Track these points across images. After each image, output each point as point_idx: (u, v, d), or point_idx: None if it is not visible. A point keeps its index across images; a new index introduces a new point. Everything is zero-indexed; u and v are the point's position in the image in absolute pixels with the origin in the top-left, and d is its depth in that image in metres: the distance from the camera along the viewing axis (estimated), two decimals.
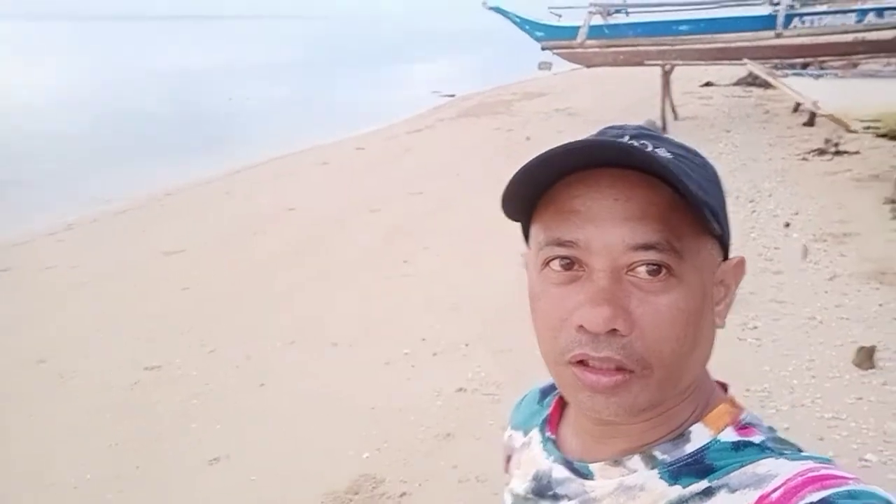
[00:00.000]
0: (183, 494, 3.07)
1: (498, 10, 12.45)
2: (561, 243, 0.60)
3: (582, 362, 0.60)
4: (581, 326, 0.59)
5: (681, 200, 0.59)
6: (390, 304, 4.97)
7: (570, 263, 0.61)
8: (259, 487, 3.06)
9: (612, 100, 13.88)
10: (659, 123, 10.61)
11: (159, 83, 25.24)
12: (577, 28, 11.50)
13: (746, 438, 0.62)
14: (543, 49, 11.87)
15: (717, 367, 0.66)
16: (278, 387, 3.93)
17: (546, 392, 0.80)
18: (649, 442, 0.64)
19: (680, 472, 0.61)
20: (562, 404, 0.76)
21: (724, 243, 0.65)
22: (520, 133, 11.16)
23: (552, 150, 0.59)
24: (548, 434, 0.74)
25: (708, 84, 15.60)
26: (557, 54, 11.93)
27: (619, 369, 0.59)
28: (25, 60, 40.29)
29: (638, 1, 12.46)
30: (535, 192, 0.62)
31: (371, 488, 2.99)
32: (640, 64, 11.48)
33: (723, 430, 0.63)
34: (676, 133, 10.51)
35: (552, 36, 11.76)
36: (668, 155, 0.61)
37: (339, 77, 25.88)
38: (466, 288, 5.02)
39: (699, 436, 0.63)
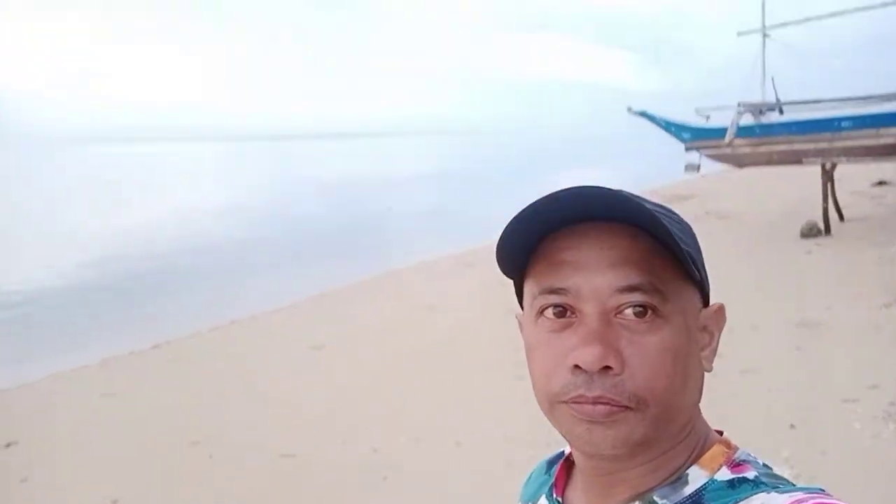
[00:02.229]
0: None
1: (644, 114, 12.54)
2: (553, 291, 0.64)
3: (577, 400, 0.62)
4: (576, 366, 0.62)
5: (662, 248, 0.63)
6: (518, 406, 4.90)
7: (562, 311, 0.64)
8: None
9: (767, 201, 13.23)
10: (821, 225, 9.93)
11: (323, 194, 27.62)
12: (726, 129, 11.25)
13: (741, 475, 0.63)
14: (688, 150, 11.71)
15: None
16: (401, 481, 3.97)
17: (552, 462, 0.82)
18: (650, 487, 0.65)
19: None
20: (567, 468, 0.77)
21: (703, 291, 0.69)
22: None
23: (540, 199, 0.64)
24: (555, 496, 0.75)
25: (881, 183, 14.47)
26: (706, 155, 11.69)
27: (612, 404, 0.61)
28: (202, 177, 45.87)
29: (792, 98, 12.00)
30: (525, 248, 0.67)
31: None
32: (798, 163, 10.94)
33: (718, 469, 0.64)
34: (842, 235, 9.76)
35: (699, 137, 11.60)
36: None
37: (486, 188, 26.86)
38: None
39: (696, 478, 0.64)
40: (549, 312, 0.65)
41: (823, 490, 0.58)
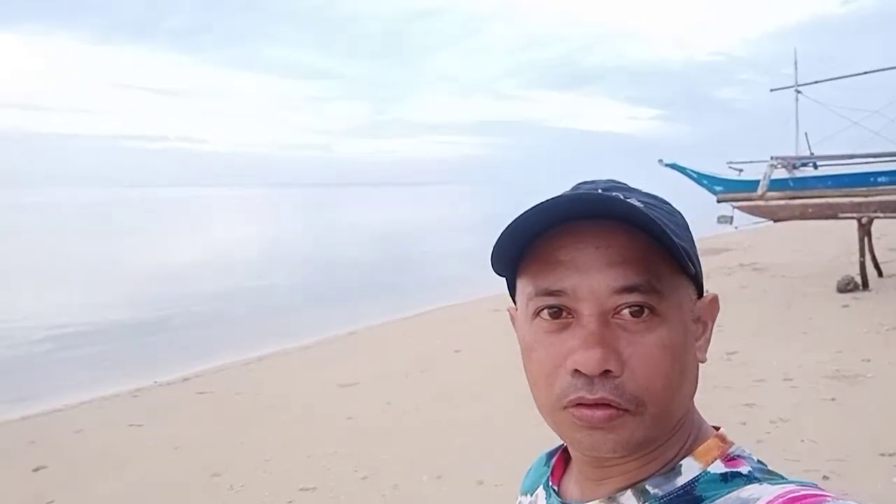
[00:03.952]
0: None
1: (674, 166, 12.58)
2: (550, 293, 0.64)
3: (578, 404, 0.62)
4: (576, 370, 0.61)
5: (656, 244, 0.62)
6: (541, 448, 4.83)
7: (558, 311, 0.64)
8: None
9: (803, 255, 13.01)
10: (858, 279, 9.72)
11: (365, 238, 28.02)
12: (759, 182, 11.21)
13: (734, 469, 0.63)
14: (720, 202, 11.65)
15: None
16: None
17: (552, 454, 0.82)
18: (643, 477, 0.65)
19: None
20: (564, 459, 0.78)
21: (697, 282, 0.68)
22: None
23: (538, 205, 0.63)
24: (551, 485, 0.76)
25: None
26: (737, 207, 11.61)
27: (612, 406, 0.61)
28: (251, 221, 46.88)
29: (825, 153, 11.95)
30: (520, 247, 0.66)
31: None
32: (833, 217, 10.80)
33: (712, 462, 0.64)
34: (881, 290, 9.53)
35: (732, 189, 11.57)
36: (640, 204, 0.64)
37: None
38: None
39: (689, 469, 0.64)
40: (546, 314, 0.64)
41: (815, 484, 0.58)
